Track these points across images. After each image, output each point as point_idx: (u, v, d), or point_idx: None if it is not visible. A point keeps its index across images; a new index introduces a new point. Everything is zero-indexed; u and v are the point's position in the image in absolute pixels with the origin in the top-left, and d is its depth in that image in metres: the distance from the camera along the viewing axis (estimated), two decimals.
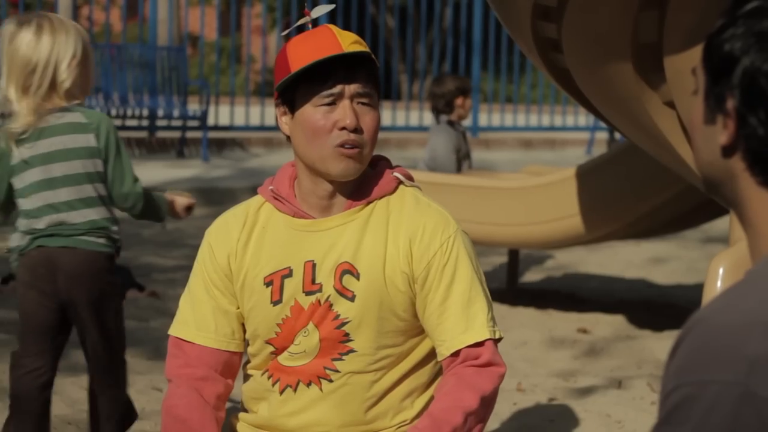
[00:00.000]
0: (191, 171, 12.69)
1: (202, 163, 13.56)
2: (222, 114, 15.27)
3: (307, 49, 2.64)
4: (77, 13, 18.34)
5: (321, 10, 2.83)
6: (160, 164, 13.23)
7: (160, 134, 14.61)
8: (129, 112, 13.84)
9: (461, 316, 2.68)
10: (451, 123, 7.64)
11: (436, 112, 7.73)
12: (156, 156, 14.16)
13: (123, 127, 14.04)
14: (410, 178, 2.80)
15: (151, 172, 12.20)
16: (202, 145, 13.90)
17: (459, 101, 7.63)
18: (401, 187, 2.77)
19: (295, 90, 2.66)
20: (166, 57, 14.11)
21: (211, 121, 14.57)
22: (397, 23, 17.33)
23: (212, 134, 14.51)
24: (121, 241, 4.02)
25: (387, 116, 16.45)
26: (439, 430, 2.61)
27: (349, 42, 2.65)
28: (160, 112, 14.02)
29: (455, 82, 7.68)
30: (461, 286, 2.69)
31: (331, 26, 2.70)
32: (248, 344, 2.82)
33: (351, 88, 2.64)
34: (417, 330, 2.74)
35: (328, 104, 2.64)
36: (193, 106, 14.59)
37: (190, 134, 14.32)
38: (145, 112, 14.03)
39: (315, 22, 2.78)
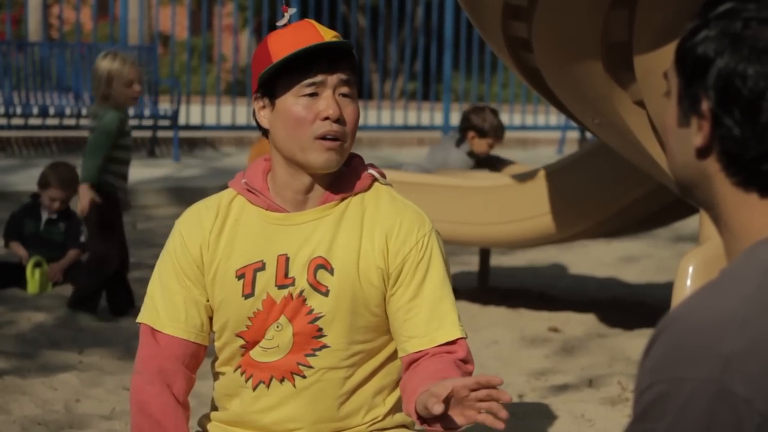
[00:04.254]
0: (162, 170, 12.65)
1: (173, 163, 13.52)
2: (193, 113, 15.22)
3: (289, 41, 2.64)
4: (47, 12, 18.27)
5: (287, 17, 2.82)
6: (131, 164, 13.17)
7: (132, 133, 14.53)
8: None
9: (433, 314, 2.69)
10: (470, 153, 7.62)
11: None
12: None
13: None
14: (384, 176, 2.81)
15: None
16: (173, 145, 13.86)
17: (471, 134, 7.62)
18: (376, 184, 2.77)
19: (276, 81, 2.65)
20: (137, 56, 14.02)
21: (182, 120, 14.52)
22: (368, 22, 17.32)
23: (183, 134, 14.46)
24: None
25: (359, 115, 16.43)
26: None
27: (330, 36, 2.65)
28: (131, 112, 13.96)
29: (477, 119, 7.64)
30: (432, 284, 2.70)
31: (312, 21, 2.70)
32: (214, 339, 2.81)
33: (333, 79, 2.64)
34: (388, 326, 2.75)
35: (310, 95, 2.64)
36: (164, 106, 14.53)
37: (161, 134, 14.27)
38: None
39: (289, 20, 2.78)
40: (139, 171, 12.39)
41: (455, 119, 17.06)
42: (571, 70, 4.86)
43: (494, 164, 7.73)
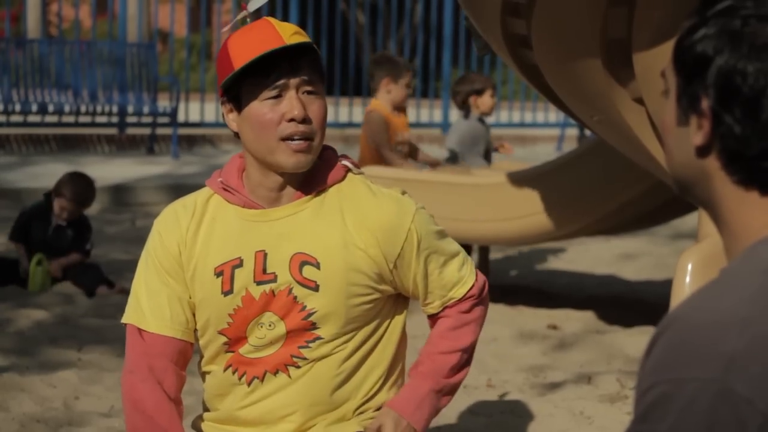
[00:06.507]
0: (161, 168, 12.65)
1: (172, 160, 13.52)
2: (192, 110, 15.22)
3: (248, 44, 2.63)
4: (46, 9, 18.26)
5: (258, 2, 2.81)
6: (130, 161, 13.19)
7: (130, 131, 14.55)
8: (99, 109, 13.78)
9: (444, 286, 2.83)
10: (480, 119, 7.77)
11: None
12: (126, 153, 14.11)
13: (92, 124, 13.99)
14: (357, 167, 2.81)
15: (121, 169, 12.17)
16: (173, 142, 13.85)
17: (473, 99, 7.75)
18: (350, 174, 2.78)
19: (239, 87, 2.66)
20: (136, 53, 14.05)
21: (181, 117, 14.52)
22: (367, 19, 17.32)
23: (182, 131, 14.46)
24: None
25: (358, 112, 16.44)
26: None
27: (289, 33, 2.64)
28: (130, 109, 13.96)
29: (466, 85, 7.78)
30: (436, 262, 2.79)
31: (270, 19, 2.69)
32: (198, 337, 2.81)
33: (295, 80, 2.64)
34: (378, 310, 2.77)
35: (274, 97, 2.64)
36: (163, 103, 14.53)
37: (160, 131, 14.26)
38: (115, 109, 13.97)
39: (257, 15, 2.77)
40: (138, 168, 12.41)
41: (454, 116, 17.08)
42: (570, 67, 4.86)
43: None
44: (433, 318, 2.88)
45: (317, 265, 2.68)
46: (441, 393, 2.84)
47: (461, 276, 2.84)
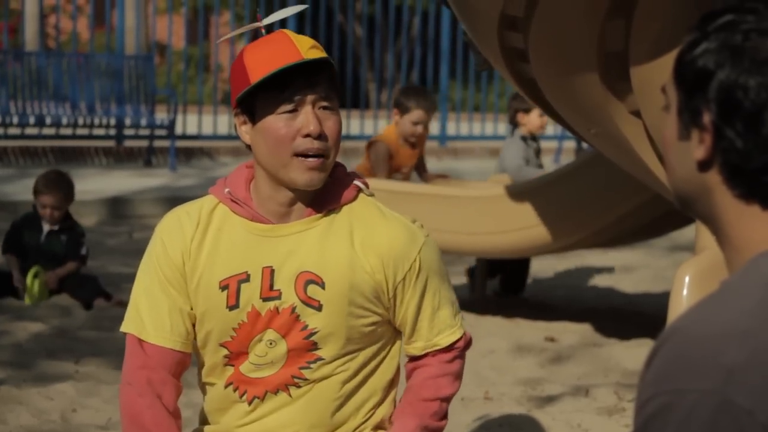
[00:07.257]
0: (159, 180, 12.65)
1: (169, 173, 13.52)
2: (190, 123, 15.23)
3: (265, 57, 2.59)
4: (44, 21, 18.27)
5: (275, 17, 2.78)
6: (127, 173, 13.19)
7: (128, 143, 14.55)
8: (96, 121, 13.78)
9: (432, 324, 2.76)
10: (523, 137, 7.77)
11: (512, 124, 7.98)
12: (123, 165, 14.11)
13: (90, 136, 13.99)
14: (367, 186, 2.79)
15: (118, 182, 12.17)
16: (170, 154, 13.85)
17: (520, 116, 7.79)
18: (361, 195, 2.75)
19: (254, 99, 2.61)
20: (134, 66, 14.06)
21: (178, 130, 14.52)
22: (365, 32, 17.35)
23: (180, 143, 14.46)
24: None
25: (355, 125, 16.46)
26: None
27: (307, 47, 2.60)
28: (128, 121, 13.96)
29: (518, 102, 7.88)
30: (430, 297, 2.74)
31: (287, 31, 2.66)
32: (197, 347, 2.78)
33: (312, 95, 2.60)
34: (380, 333, 2.75)
35: (290, 111, 2.60)
36: (161, 115, 14.53)
37: (157, 143, 14.27)
38: (113, 121, 13.97)
39: (269, 28, 2.74)
40: (136, 181, 12.41)
41: (452, 129, 17.10)
42: (567, 80, 4.87)
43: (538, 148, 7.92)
44: (412, 363, 2.83)
45: (322, 285, 2.65)
46: (427, 430, 2.80)
47: (452, 324, 2.79)
